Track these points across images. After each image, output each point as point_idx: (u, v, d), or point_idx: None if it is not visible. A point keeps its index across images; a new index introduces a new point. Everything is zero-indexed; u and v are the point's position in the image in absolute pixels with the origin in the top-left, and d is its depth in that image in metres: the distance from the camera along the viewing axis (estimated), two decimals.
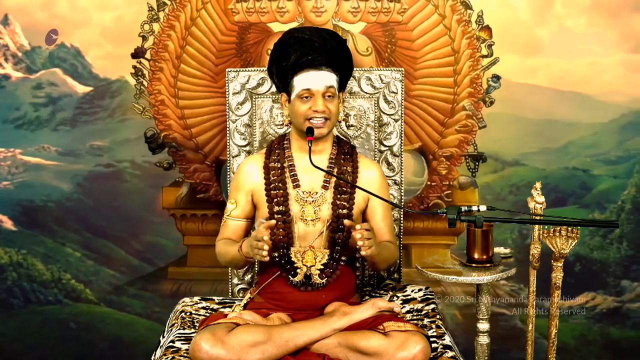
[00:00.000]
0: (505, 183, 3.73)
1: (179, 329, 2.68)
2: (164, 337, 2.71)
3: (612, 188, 3.73)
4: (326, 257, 2.60)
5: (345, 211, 2.62)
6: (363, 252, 2.40)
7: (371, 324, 2.48)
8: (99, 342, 3.80)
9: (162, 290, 3.79)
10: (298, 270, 2.59)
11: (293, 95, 2.59)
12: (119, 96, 3.71)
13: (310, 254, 2.59)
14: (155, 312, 3.77)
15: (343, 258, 2.63)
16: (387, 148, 3.03)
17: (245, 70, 3.04)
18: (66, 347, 3.79)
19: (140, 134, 3.68)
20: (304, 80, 2.55)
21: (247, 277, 3.08)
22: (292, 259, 2.60)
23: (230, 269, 3.05)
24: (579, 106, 3.66)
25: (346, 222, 2.51)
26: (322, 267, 2.59)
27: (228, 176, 3.03)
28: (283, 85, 2.63)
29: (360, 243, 2.39)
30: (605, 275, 3.71)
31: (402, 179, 3.06)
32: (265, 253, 2.39)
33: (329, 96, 2.57)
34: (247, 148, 3.03)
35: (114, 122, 3.73)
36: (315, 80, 2.55)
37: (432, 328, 2.67)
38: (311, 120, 2.56)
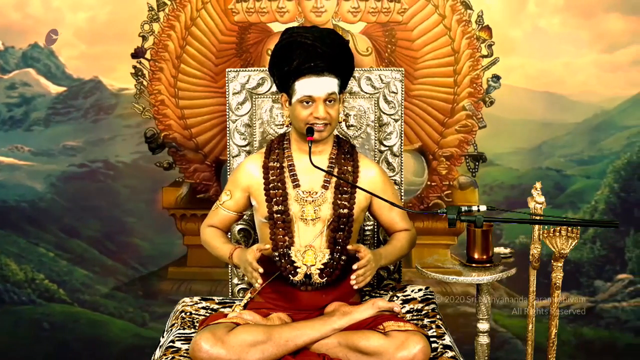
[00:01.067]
0: (479, 183, 3.73)
1: (179, 329, 2.68)
2: (163, 337, 2.71)
3: (585, 188, 3.75)
4: (326, 256, 2.60)
5: (346, 211, 2.62)
6: (356, 287, 2.50)
7: (371, 324, 2.48)
8: (72, 342, 3.81)
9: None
10: (298, 270, 2.59)
11: (294, 99, 2.58)
12: (92, 96, 3.72)
13: (311, 253, 2.60)
14: (128, 312, 3.79)
15: (343, 258, 2.62)
16: (387, 148, 3.03)
17: (245, 70, 3.03)
18: (40, 347, 3.81)
19: (113, 134, 3.71)
20: (305, 87, 2.54)
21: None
22: (293, 259, 2.60)
23: (230, 268, 3.06)
24: (553, 106, 3.67)
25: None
26: (322, 266, 2.59)
27: (228, 176, 3.03)
28: (284, 86, 2.62)
29: (352, 283, 2.49)
30: (578, 275, 3.73)
31: (402, 179, 3.06)
32: (260, 282, 2.48)
33: (330, 101, 2.56)
34: (247, 148, 3.03)
35: (88, 122, 3.74)
36: (317, 87, 2.54)
37: (432, 328, 2.67)
38: (312, 123, 2.56)
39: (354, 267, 2.48)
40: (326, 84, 2.54)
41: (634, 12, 3.63)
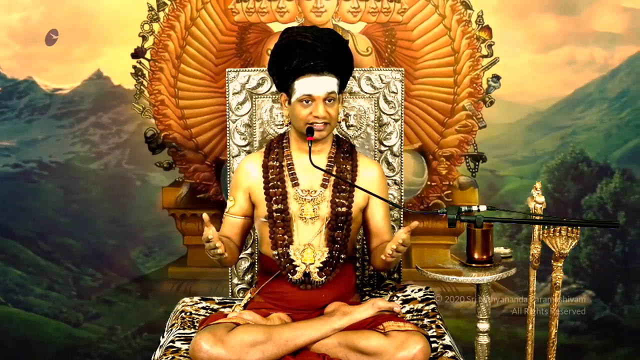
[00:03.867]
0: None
1: (179, 329, 2.68)
2: (163, 337, 2.71)
3: (519, 188, 3.75)
4: (325, 255, 2.60)
5: (344, 209, 2.62)
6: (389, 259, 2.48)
7: (371, 324, 2.48)
8: (6, 343, 3.80)
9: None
10: (297, 269, 2.59)
11: (293, 99, 2.58)
12: (26, 96, 3.71)
13: (310, 251, 2.60)
14: (63, 313, 3.79)
15: (342, 256, 2.63)
16: (387, 148, 3.03)
17: (245, 70, 3.04)
18: None
19: (47, 134, 3.71)
20: (305, 86, 2.54)
21: (247, 277, 3.08)
22: (292, 257, 2.60)
23: (230, 268, 3.06)
24: (487, 106, 3.66)
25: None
26: (321, 265, 2.59)
27: (228, 176, 3.03)
28: (283, 86, 2.62)
29: (388, 252, 2.46)
30: (512, 275, 3.71)
31: (402, 179, 3.06)
32: (220, 250, 2.42)
33: (329, 101, 2.57)
34: (247, 148, 3.03)
35: (22, 122, 3.74)
36: (316, 86, 2.54)
37: (432, 328, 2.67)
38: (312, 123, 2.56)
39: (401, 238, 2.45)
40: (326, 83, 2.54)
41: (567, 12, 3.64)
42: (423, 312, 2.79)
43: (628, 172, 3.72)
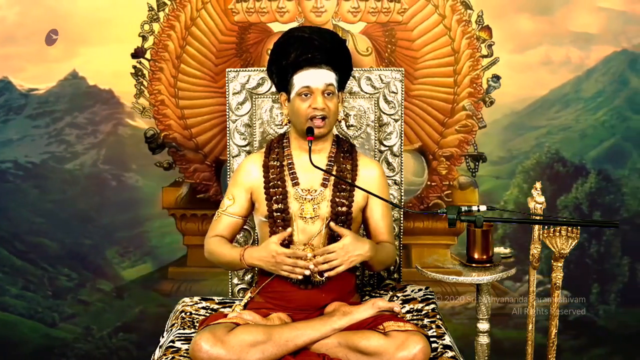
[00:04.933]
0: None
1: (179, 329, 2.68)
2: (163, 337, 2.71)
3: (494, 188, 3.75)
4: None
5: (344, 209, 2.63)
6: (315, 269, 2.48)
7: (371, 324, 2.48)
8: None
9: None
10: None
11: (293, 94, 2.59)
12: (1, 97, 3.71)
13: (310, 251, 2.60)
14: (38, 313, 3.78)
15: None
16: (387, 148, 3.03)
17: (245, 70, 3.04)
18: None
19: (22, 134, 3.70)
20: (303, 78, 2.56)
21: (247, 277, 3.08)
22: None
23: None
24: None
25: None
26: None
27: (228, 176, 3.03)
28: (282, 84, 2.64)
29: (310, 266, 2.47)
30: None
31: (402, 179, 3.06)
32: (310, 265, 2.46)
33: (328, 94, 2.58)
34: (247, 148, 3.03)
35: None
36: (314, 77, 2.56)
37: (432, 328, 2.67)
38: (311, 120, 2.56)
39: (324, 248, 2.46)
40: (324, 76, 2.56)
41: (543, 12, 3.63)
42: (423, 312, 2.79)
43: (603, 172, 3.72)
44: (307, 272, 2.47)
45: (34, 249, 3.78)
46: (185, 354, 2.50)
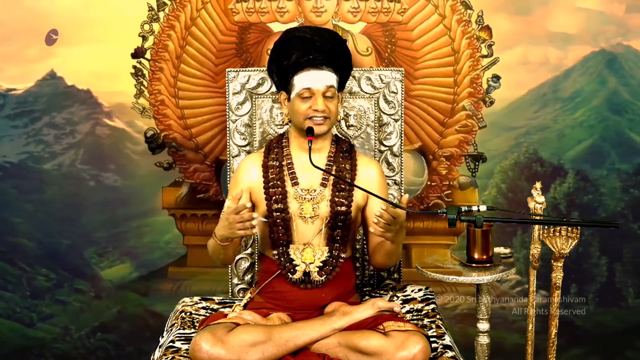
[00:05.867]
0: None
1: (179, 329, 2.68)
2: (163, 337, 2.71)
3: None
4: (325, 254, 2.60)
5: (343, 208, 2.63)
6: (377, 230, 2.38)
7: (371, 324, 2.48)
8: None
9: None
10: (297, 268, 2.59)
11: (293, 94, 2.59)
12: None
13: (309, 251, 2.60)
14: (17, 313, 3.78)
15: (342, 255, 2.63)
16: (387, 148, 3.03)
17: (245, 70, 3.04)
18: None
19: (0, 134, 3.70)
20: (304, 79, 2.56)
21: (247, 277, 3.08)
22: (291, 256, 2.60)
23: (230, 268, 3.05)
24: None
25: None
26: (321, 264, 2.60)
27: (228, 176, 3.03)
28: (283, 84, 2.63)
29: (374, 221, 2.37)
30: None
31: (402, 179, 3.06)
32: (255, 222, 2.37)
33: (328, 96, 2.58)
34: (247, 148, 3.03)
35: None
36: (315, 79, 2.55)
37: (432, 328, 2.67)
38: (311, 118, 2.56)
39: (380, 210, 2.35)
40: (325, 77, 2.56)
41: (521, 12, 3.63)
42: (423, 312, 2.79)
43: (581, 173, 3.72)
44: (255, 223, 2.38)
45: (12, 249, 3.77)
46: (185, 354, 2.50)
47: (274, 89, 2.95)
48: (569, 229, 2.80)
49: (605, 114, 3.73)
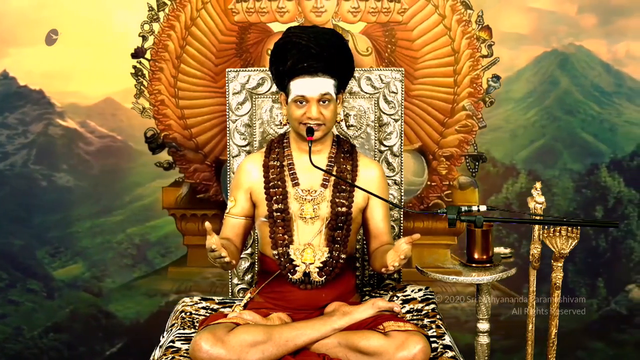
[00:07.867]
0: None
1: (179, 329, 2.68)
2: (163, 337, 2.71)
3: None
4: (325, 254, 2.60)
5: (344, 209, 2.62)
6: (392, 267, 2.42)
7: (371, 324, 2.48)
8: None
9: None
10: (297, 268, 2.59)
11: (289, 99, 2.59)
12: None
13: (310, 251, 2.60)
14: None
15: (342, 256, 2.63)
16: (387, 148, 3.03)
17: (245, 70, 3.04)
18: None
19: None
20: (299, 87, 2.54)
21: (247, 277, 3.08)
22: (292, 257, 2.60)
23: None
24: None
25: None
26: (321, 264, 2.60)
27: (228, 176, 3.03)
28: (281, 86, 2.63)
29: (389, 262, 2.41)
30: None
31: (402, 179, 3.06)
32: (227, 259, 2.39)
33: (323, 102, 2.56)
34: (247, 148, 3.03)
35: None
36: (310, 87, 2.54)
37: (432, 328, 2.67)
38: (305, 124, 2.55)
39: (405, 244, 2.39)
40: (320, 85, 2.54)
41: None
42: (423, 312, 2.79)
43: (534, 173, 3.73)
44: (224, 256, 2.38)
45: None
46: (185, 354, 2.50)
47: (274, 88, 2.95)
48: (569, 229, 2.80)
49: (558, 114, 3.73)
